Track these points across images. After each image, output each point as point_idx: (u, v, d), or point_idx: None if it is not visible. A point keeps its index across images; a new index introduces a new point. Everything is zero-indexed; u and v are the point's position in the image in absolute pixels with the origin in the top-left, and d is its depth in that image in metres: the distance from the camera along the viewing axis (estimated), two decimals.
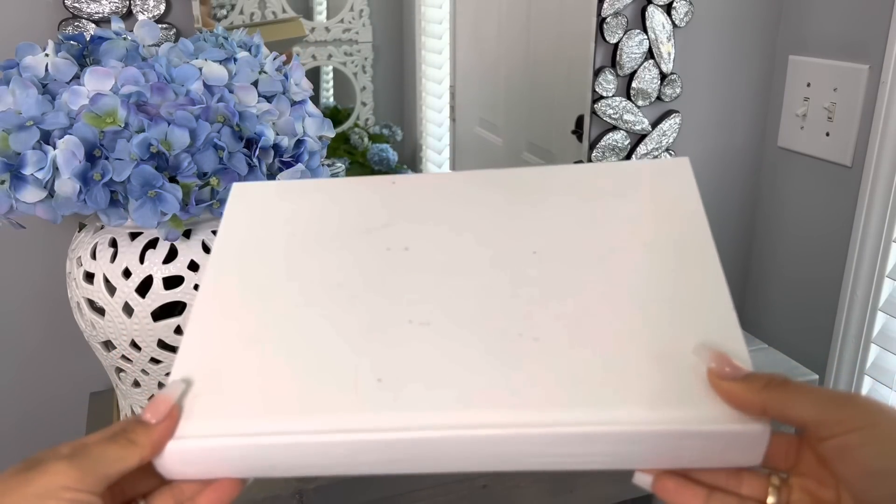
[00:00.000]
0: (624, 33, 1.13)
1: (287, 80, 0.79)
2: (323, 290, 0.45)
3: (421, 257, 0.46)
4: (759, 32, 1.23)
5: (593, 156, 1.18)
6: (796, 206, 1.25)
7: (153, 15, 0.92)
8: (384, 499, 0.89)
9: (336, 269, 0.46)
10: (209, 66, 0.73)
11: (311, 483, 0.84)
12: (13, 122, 0.66)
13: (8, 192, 0.67)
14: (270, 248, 0.49)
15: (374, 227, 0.48)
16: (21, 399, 1.04)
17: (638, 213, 0.49)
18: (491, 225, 0.48)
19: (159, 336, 0.78)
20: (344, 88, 1.03)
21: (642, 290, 0.44)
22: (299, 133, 0.78)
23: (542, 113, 1.13)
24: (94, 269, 0.77)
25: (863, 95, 1.09)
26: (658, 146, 1.21)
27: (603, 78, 1.14)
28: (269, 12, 0.96)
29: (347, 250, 0.47)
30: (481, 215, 0.49)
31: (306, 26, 0.98)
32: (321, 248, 0.48)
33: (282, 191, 0.54)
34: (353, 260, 0.47)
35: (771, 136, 1.28)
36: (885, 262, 1.09)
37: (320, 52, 1.00)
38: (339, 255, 0.47)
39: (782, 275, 1.29)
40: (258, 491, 0.83)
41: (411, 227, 0.48)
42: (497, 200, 0.49)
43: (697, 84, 1.22)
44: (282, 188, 0.55)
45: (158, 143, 0.67)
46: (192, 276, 0.77)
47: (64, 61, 0.72)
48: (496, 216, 0.49)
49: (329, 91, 1.03)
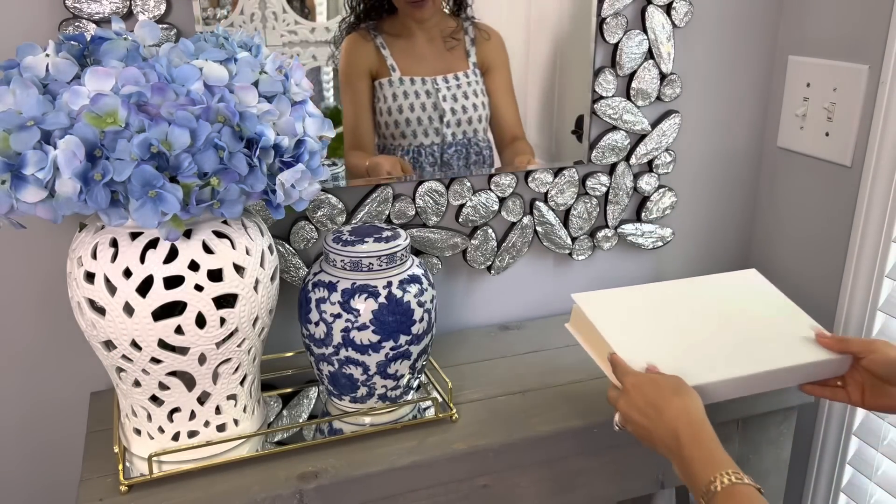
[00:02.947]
0: (624, 33, 1.13)
1: (287, 81, 0.79)
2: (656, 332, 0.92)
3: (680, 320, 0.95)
4: (759, 32, 1.23)
5: (593, 156, 1.18)
6: (796, 206, 1.25)
7: (153, 15, 0.92)
8: (384, 498, 0.89)
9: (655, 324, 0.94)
10: (210, 67, 0.73)
11: (311, 483, 0.85)
12: (14, 122, 0.66)
13: (8, 192, 0.67)
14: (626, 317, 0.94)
15: (662, 307, 0.97)
16: (22, 398, 1.04)
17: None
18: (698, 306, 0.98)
19: (160, 336, 0.78)
20: None
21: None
22: (300, 133, 0.78)
23: (543, 113, 1.13)
24: (95, 268, 0.77)
25: (862, 95, 1.09)
26: (658, 146, 1.22)
27: (603, 78, 1.14)
28: (269, 12, 0.96)
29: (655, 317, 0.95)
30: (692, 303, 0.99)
31: (306, 26, 0.99)
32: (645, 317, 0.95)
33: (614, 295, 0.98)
34: (657, 322, 0.94)
35: (771, 136, 1.28)
36: (885, 262, 1.09)
37: (320, 52, 1.00)
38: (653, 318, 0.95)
39: (782, 274, 1.29)
40: (258, 491, 0.83)
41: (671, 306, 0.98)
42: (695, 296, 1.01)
43: (697, 84, 1.22)
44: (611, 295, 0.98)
45: (159, 144, 0.67)
46: (193, 276, 0.77)
47: (64, 61, 0.72)
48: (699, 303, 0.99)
49: (329, 91, 1.03)
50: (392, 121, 1.08)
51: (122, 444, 0.88)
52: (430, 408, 0.99)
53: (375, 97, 1.08)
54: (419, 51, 1.08)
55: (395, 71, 1.07)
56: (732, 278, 1.04)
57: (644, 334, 0.90)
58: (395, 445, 0.91)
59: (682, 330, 0.92)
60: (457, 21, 1.08)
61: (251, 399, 0.90)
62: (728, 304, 0.98)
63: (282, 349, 1.09)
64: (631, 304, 0.95)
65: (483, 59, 1.10)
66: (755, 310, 0.97)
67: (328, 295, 0.89)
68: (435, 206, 1.12)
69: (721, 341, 0.90)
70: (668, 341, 0.89)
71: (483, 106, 1.12)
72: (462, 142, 1.12)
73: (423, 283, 0.92)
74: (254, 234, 0.83)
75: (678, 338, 0.90)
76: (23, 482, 1.08)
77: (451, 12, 1.08)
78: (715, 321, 0.94)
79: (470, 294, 1.22)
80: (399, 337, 0.90)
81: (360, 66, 1.06)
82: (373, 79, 1.07)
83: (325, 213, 1.07)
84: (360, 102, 1.07)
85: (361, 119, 1.08)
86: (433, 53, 1.08)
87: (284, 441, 0.93)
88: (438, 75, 1.09)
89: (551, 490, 0.99)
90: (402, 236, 0.93)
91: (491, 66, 1.11)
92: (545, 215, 1.19)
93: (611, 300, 0.95)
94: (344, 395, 0.94)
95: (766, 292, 1.01)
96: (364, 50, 1.05)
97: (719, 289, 1.01)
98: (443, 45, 1.08)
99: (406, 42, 1.07)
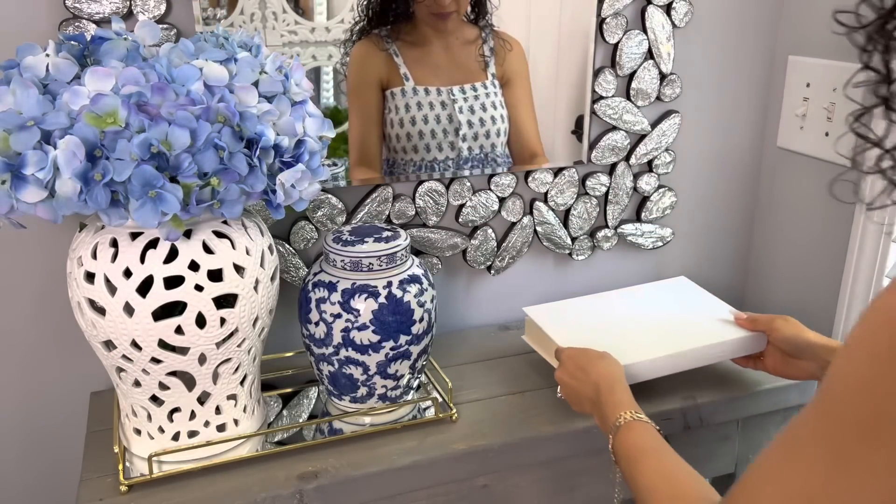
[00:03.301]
0: (624, 33, 1.13)
1: (287, 81, 0.79)
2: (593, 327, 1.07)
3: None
4: (759, 32, 1.23)
5: (593, 156, 1.18)
6: (796, 206, 1.25)
7: (154, 15, 0.92)
8: (384, 498, 0.89)
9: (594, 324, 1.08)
10: (210, 67, 0.73)
11: (311, 483, 0.85)
12: (14, 122, 0.66)
13: (9, 192, 0.67)
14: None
15: (600, 311, 1.12)
16: (22, 398, 1.04)
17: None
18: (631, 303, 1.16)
19: (160, 336, 0.78)
20: (344, 88, 1.03)
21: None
22: (300, 133, 0.78)
23: (543, 113, 1.13)
24: (95, 268, 0.77)
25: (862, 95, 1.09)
26: (658, 146, 1.22)
27: (603, 78, 1.14)
28: (269, 12, 0.96)
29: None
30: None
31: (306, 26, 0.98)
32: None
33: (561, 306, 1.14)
34: (595, 322, 1.08)
35: (770, 136, 1.28)
36: (885, 262, 1.09)
37: (320, 52, 1.00)
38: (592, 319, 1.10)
39: (782, 274, 1.29)
40: (258, 491, 0.83)
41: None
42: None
43: (697, 84, 1.22)
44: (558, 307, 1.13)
45: (159, 144, 0.67)
46: (193, 276, 0.77)
47: (64, 61, 0.72)
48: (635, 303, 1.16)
49: (329, 91, 1.03)
50: (404, 133, 1.04)
51: (122, 444, 0.88)
52: (430, 408, 0.99)
53: (386, 108, 1.03)
54: (435, 59, 1.03)
55: (408, 80, 1.02)
56: (664, 285, 1.21)
57: (584, 332, 1.03)
58: (395, 445, 0.91)
59: (617, 327, 1.06)
60: (476, 29, 1.04)
61: (251, 399, 0.90)
62: (659, 305, 1.14)
63: (282, 349, 1.09)
64: (573, 311, 1.11)
65: (503, 70, 1.06)
66: (684, 306, 1.13)
67: (328, 295, 0.89)
68: (435, 206, 1.12)
69: (651, 331, 1.05)
70: (604, 335, 1.01)
71: (502, 119, 1.08)
72: (479, 157, 1.09)
73: (423, 283, 0.92)
74: (254, 234, 0.83)
75: (614, 332, 1.04)
76: (23, 482, 1.08)
77: (469, 20, 1.04)
78: (647, 318, 1.09)
79: (470, 294, 1.22)
80: (399, 337, 0.90)
81: (371, 74, 1.02)
82: (383, 89, 1.03)
83: (325, 213, 1.07)
84: (368, 114, 1.03)
85: (369, 132, 1.04)
86: (449, 62, 1.04)
87: (284, 441, 0.93)
88: (455, 85, 1.05)
89: (551, 490, 0.99)
90: (402, 236, 0.93)
91: (512, 78, 1.07)
92: (545, 215, 1.19)
93: (556, 310, 1.11)
94: (344, 395, 0.94)
95: (694, 293, 1.17)
96: (375, 57, 1.01)
97: (652, 293, 1.18)
98: (460, 54, 1.04)
99: (421, 50, 1.03)
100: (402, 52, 1.02)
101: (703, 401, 1.01)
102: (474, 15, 1.04)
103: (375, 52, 1.01)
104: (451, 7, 1.02)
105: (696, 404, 1.01)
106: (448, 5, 1.01)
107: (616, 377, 0.87)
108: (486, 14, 1.04)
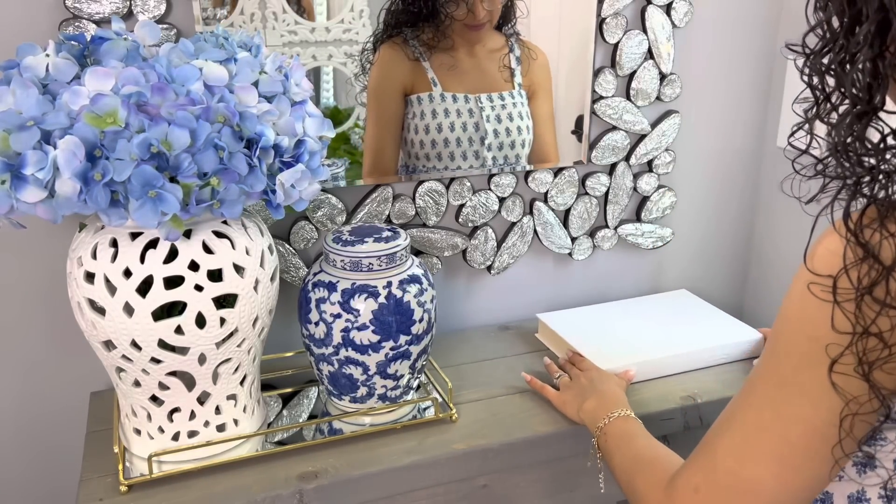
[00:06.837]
0: (624, 33, 1.13)
1: (287, 81, 0.79)
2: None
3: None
4: (759, 32, 1.23)
5: (593, 156, 1.18)
6: (795, 206, 1.25)
7: (154, 15, 0.92)
8: (384, 498, 0.89)
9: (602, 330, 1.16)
10: (209, 67, 0.73)
11: (311, 483, 0.85)
12: (14, 122, 0.66)
13: (8, 192, 0.67)
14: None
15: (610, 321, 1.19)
16: (22, 398, 1.04)
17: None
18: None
19: (160, 336, 0.78)
20: (344, 88, 1.03)
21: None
22: (299, 133, 0.78)
23: None
24: (95, 268, 0.77)
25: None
26: (658, 146, 1.22)
27: (603, 78, 1.14)
28: (269, 12, 0.96)
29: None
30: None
31: (306, 26, 0.98)
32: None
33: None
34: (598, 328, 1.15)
35: (771, 136, 1.28)
36: None
37: (320, 52, 1.00)
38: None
39: (782, 274, 1.29)
40: (258, 491, 0.83)
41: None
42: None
43: (697, 84, 1.22)
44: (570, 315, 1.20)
45: (159, 144, 0.67)
46: (193, 276, 0.77)
47: (64, 61, 0.72)
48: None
49: (329, 91, 1.03)
50: (428, 140, 1.02)
51: (122, 444, 0.88)
52: (430, 408, 0.99)
53: (409, 113, 1.01)
54: (462, 66, 1.02)
55: (436, 85, 1.01)
56: (667, 297, 1.29)
57: (594, 336, 1.11)
58: (395, 445, 0.91)
59: (621, 333, 1.13)
60: (502, 37, 1.04)
61: (251, 399, 0.90)
62: (662, 313, 1.21)
63: (282, 349, 1.09)
64: (586, 318, 1.19)
65: (530, 80, 1.06)
66: (685, 315, 1.20)
67: (328, 295, 0.89)
68: (435, 206, 1.12)
69: (650, 338, 1.11)
70: (611, 343, 1.09)
71: (528, 130, 1.08)
72: (502, 167, 1.09)
73: (423, 283, 0.92)
74: (254, 234, 0.83)
75: (617, 339, 1.11)
76: (23, 482, 1.08)
77: (494, 26, 1.03)
78: (650, 327, 1.15)
79: (470, 294, 1.22)
80: (399, 337, 0.90)
81: (395, 79, 1.00)
82: (406, 94, 1.01)
83: (325, 213, 1.07)
84: (388, 120, 1.01)
85: (387, 139, 1.02)
86: (476, 70, 1.03)
87: (284, 441, 0.93)
88: (482, 93, 1.04)
89: (551, 490, 0.99)
90: (402, 236, 0.93)
91: (537, 90, 1.07)
92: (545, 215, 1.19)
93: (567, 317, 1.18)
94: (344, 395, 0.94)
95: (694, 304, 1.24)
96: (401, 62, 0.99)
97: (655, 304, 1.25)
98: (485, 62, 1.03)
99: (447, 56, 1.01)
100: (430, 58, 1.01)
101: (703, 401, 1.01)
102: (501, 21, 1.04)
103: (401, 56, 1.00)
104: (485, 18, 1.02)
105: (696, 404, 1.01)
106: (483, 17, 1.02)
107: (612, 392, 0.92)
108: (512, 22, 1.04)
